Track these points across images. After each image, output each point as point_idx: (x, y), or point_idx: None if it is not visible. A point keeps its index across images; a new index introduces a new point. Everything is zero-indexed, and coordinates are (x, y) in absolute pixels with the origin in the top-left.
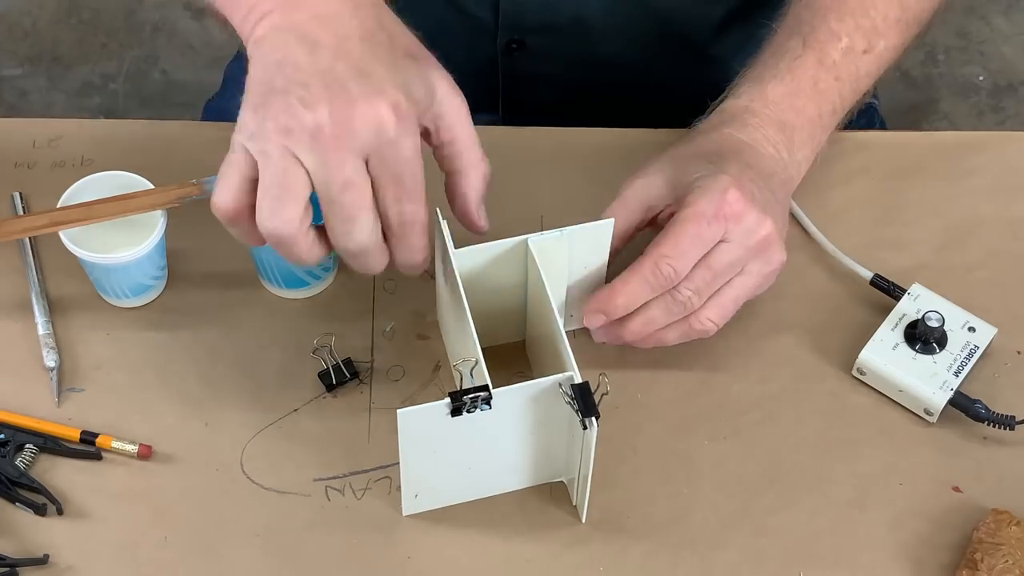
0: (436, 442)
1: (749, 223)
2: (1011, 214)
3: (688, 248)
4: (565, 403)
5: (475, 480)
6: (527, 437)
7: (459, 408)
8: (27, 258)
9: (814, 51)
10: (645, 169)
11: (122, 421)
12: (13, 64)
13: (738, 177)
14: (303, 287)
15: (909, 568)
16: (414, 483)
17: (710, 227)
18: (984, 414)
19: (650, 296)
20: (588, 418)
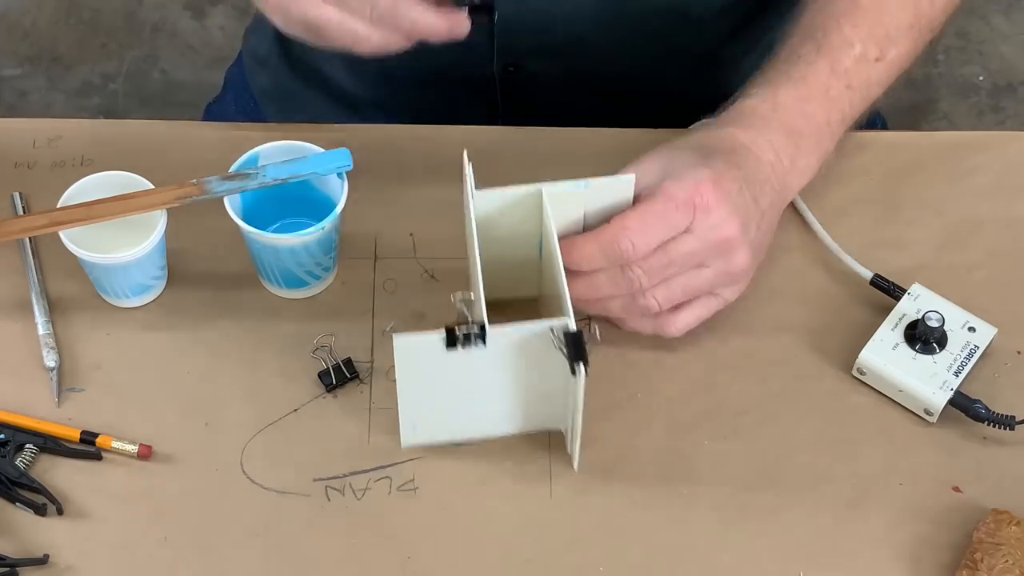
0: (432, 374)
1: (715, 219)
2: (1011, 214)
3: (651, 227)
4: (556, 348)
5: (471, 418)
6: (522, 381)
7: (453, 341)
8: (27, 258)
9: (827, 58)
10: (640, 158)
11: (122, 421)
12: (13, 64)
13: (720, 173)
14: (303, 287)
15: (909, 568)
16: (411, 413)
17: (677, 212)
18: (984, 414)
19: (603, 265)
20: (576, 364)
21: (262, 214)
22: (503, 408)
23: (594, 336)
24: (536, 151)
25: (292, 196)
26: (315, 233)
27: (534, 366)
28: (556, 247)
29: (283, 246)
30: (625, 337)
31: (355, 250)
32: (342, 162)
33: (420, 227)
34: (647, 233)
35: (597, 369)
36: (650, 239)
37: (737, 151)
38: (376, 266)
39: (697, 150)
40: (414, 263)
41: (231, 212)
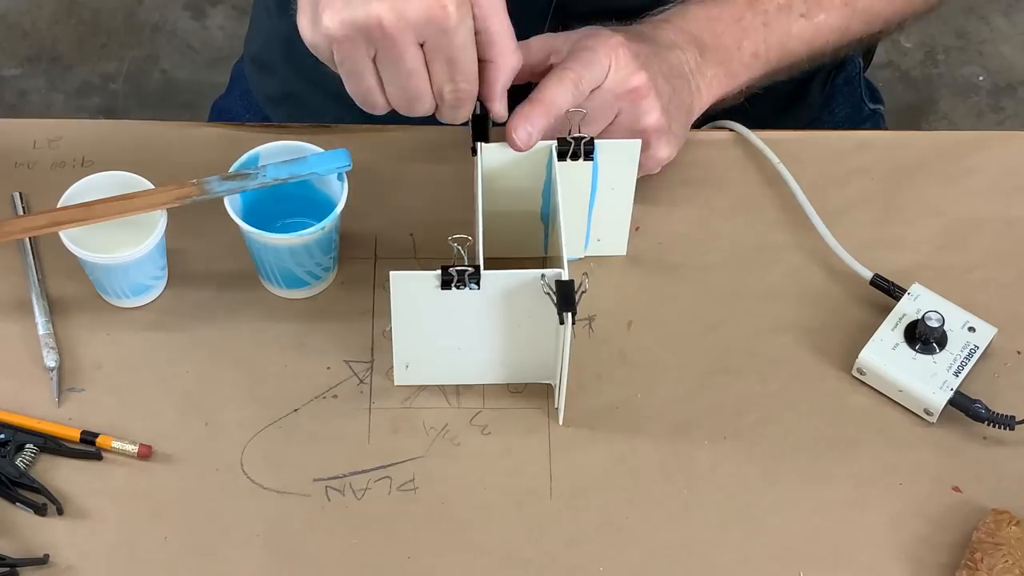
0: (426, 313)
1: (626, 72)
2: (1011, 214)
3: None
4: (544, 294)
5: (462, 363)
6: (513, 329)
7: (448, 281)
8: (27, 258)
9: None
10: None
11: (122, 421)
12: (13, 64)
13: (631, 39)
14: (303, 287)
15: (909, 568)
16: (404, 352)
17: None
18: (984, 414)
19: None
20: (564, 312)
21: (262, 214)
22: (494, 355)
23: (584, 284)
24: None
25: (292, 196)
26: (315, 233)
27: (526, 315)
28: (559, 202)
29: (283, 246)
30: (625, 337)
31: (355, 250)
32: (342, 162)
33: (420, 227)
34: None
35: (597, 369)
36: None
37: (651, 38)
38: (376, 266)
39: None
40: (414, 263)
41: (231, 212)
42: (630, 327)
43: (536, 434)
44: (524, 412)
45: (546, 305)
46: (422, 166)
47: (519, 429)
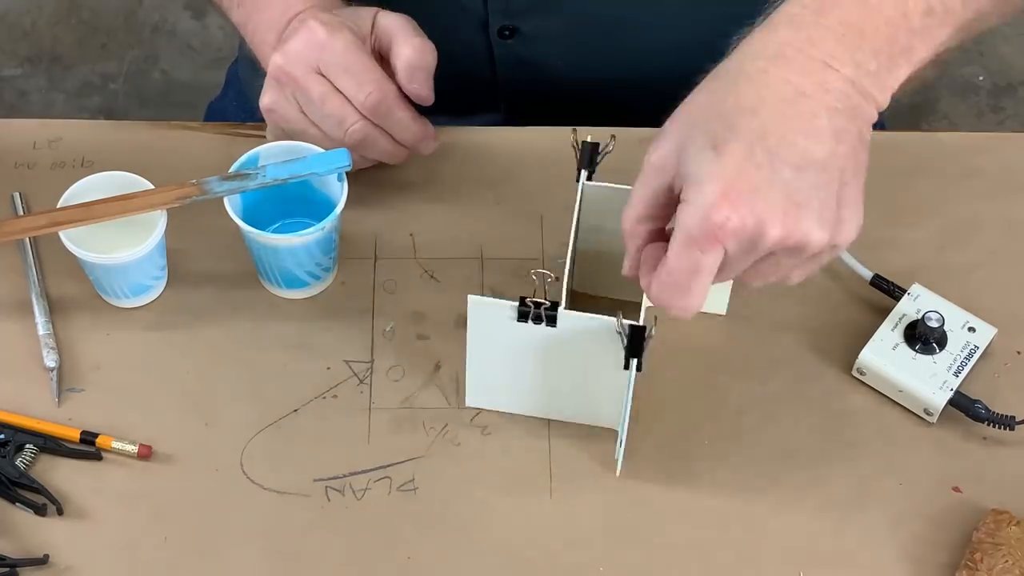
0: (500, 341)
1: (747, 235)
2: (1011, 214)
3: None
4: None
5: (529, 394)
6: (585, 370)
7: (524, 314)
8: (27, 258)
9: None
10: (660, 137)
11: (122, 421)
12: (13, 64)
13: (738, 170)
14: (303, 287)
15: (909, 568)
16: (476, 375)
17: (704, 255)
18: (984, 414)
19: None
20: (631, 358)
21: (262, 214)
22: (561, 392)
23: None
24: (535, 151)
25: (292, 196)
26: (315, 233)
27: (598, 360)
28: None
29: (283, 246)
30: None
31: (355, 250)
32: (341, 163)
33: (420, 227)
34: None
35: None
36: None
37: (765, 102)
38: (376, 266)
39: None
40: (414, 263)
41: (231, 212)
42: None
43: (536, 434)
44: None
45: (616, 350)
46: (422, 166)
47: (519, 429)
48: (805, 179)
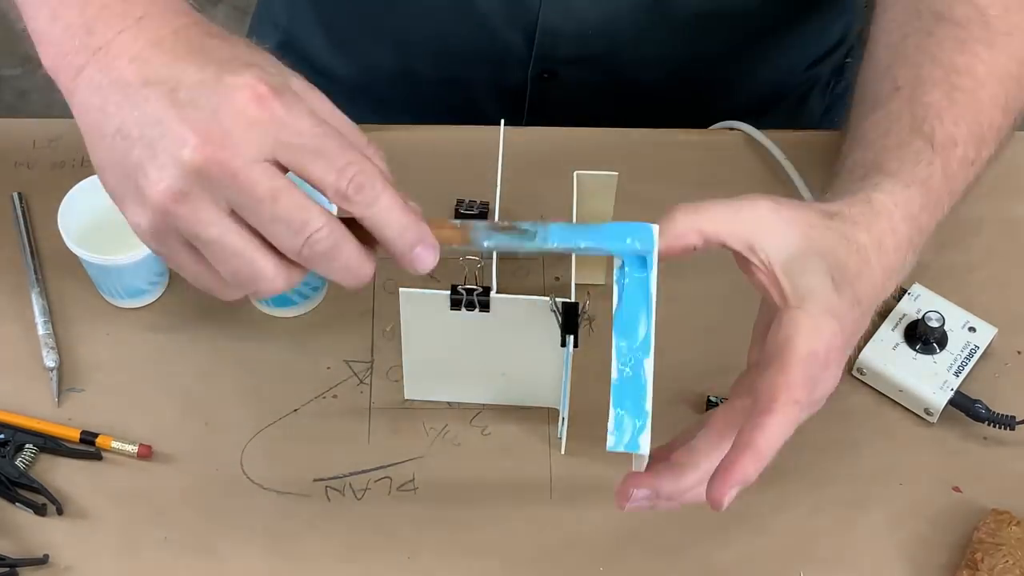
0: (435, 331)
1: (827, 377)
2: (1011, 214)
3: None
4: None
5: (469, 382)
6: (520, 353)
7: (457, 301)
8: (27, 258)
9: (940, 158)
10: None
11: (122, 421)
12: (13, 64)
13: (843, 321)
14: (290, 306)
15: (909, 568)
16: (413, 367)
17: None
18: (984, 414)
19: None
20: (567, 335)
21: None
22: (500, 377)
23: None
24: (536, 151)
25: None
26: None
27: (534, 340)
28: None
29: None
30: None
31: None
32: (644, 243)
33: None
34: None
35: (598, 370)
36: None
37: (862, 278)
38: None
39: (830, 263)
40: None
41: None
42: None
43: (536, 434)
44: (524, 412)
45: (552, 330)
46: (422, 166)
47: (519, 429)
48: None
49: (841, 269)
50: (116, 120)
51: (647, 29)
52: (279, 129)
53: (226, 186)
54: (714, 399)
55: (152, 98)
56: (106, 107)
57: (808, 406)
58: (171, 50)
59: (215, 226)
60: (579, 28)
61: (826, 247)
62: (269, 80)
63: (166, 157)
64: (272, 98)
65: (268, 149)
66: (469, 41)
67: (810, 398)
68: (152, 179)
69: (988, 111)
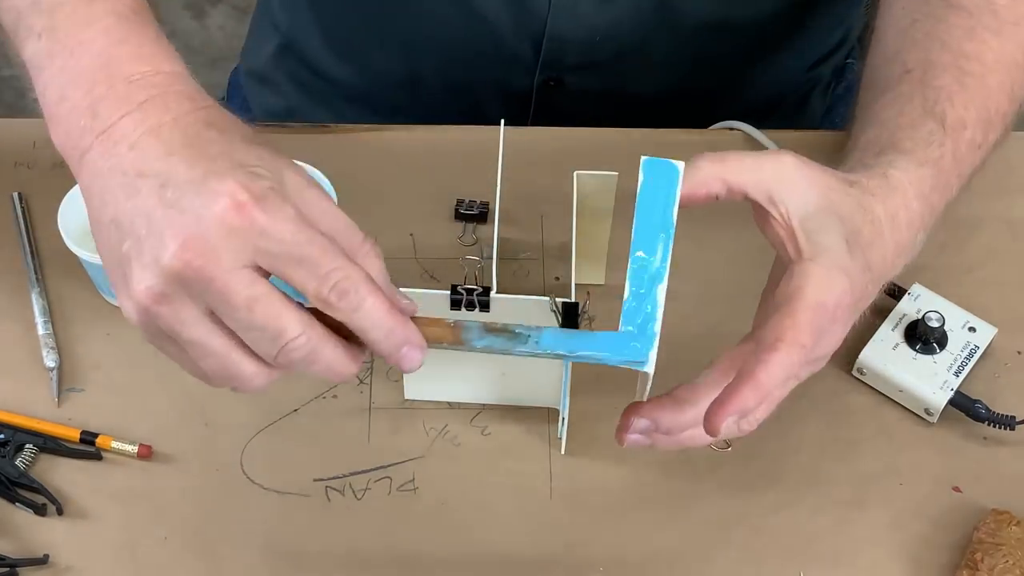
0: None
1: (832, 336)
2: (1011, 214)
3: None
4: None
5: (470, 382)
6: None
7: (457, 301)
8: (27, 258)
9: (951, 140)
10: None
11: (122, 421)
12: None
13: (855, 282)
14: None
15: (909, 568)
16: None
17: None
18: (984, 414)
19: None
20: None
21: None
22: (500, 377)
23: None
24: (536, 151)
25: None
26: None
27: None
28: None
29: None
30: None
31: None
32: (638, 357)
33: (420, 227)
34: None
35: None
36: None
37: (875, 246)
38: None
39: (847, 227)
40: (414, 263)
41: None
42: None
43: (536, 434)
44: (524, 412)
45: None
46: (422, 166)
47: (519, 429)
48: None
49: (856, 234)
50: (112, 209)
51: (653, 37)
52: (258, 237)
53: (204, 291)
54: None
55: (144, 191)
56: (104, 194)
57: (811, 360)
58: (167, 140)
59: (194, 328)
60: (586, 36)
61: (844, 211)
62: (252, 186)
63: (149, 258)
64: (252, 206)
65: (248, 256)
66: (476, 48)
67: (813, 351)
68: (136, 278)
69: (995, 97)
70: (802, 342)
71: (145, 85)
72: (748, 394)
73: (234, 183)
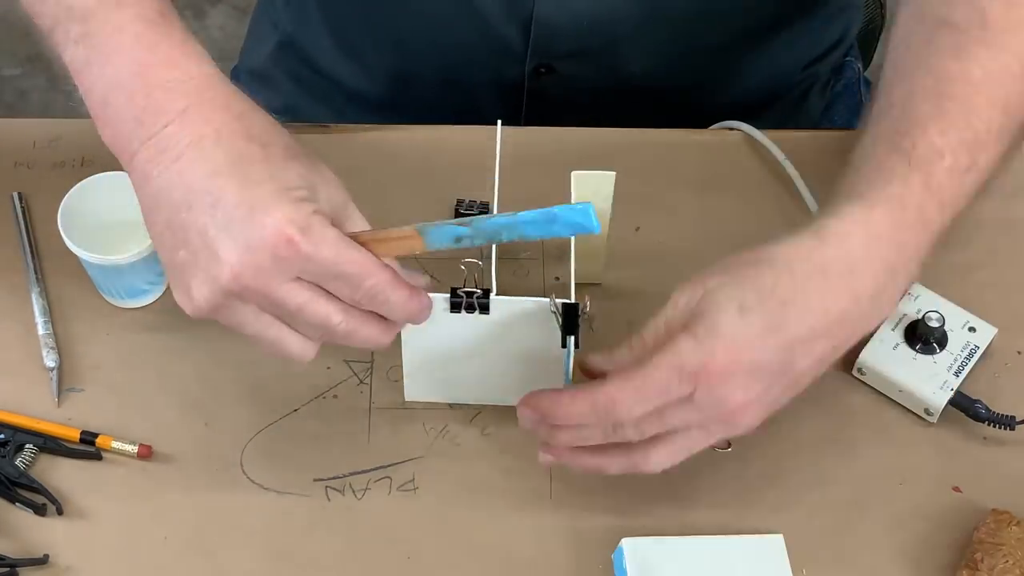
0: (435, 333)
1: (721, 393)
2: (1011, 214)
3: (649, 396)
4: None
5: (469, 382)
6: (520, 354)
7: (457, 304)
8: (27, 258)
9: (920, 172)
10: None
11: (122, 421)
12: (13, 64)
13: (748, 341)
14: None
15: (909, 568)
16: (413, 368)
17: (680, 384)
18: (984, 414)
19: (592, 423)
20: (568, 335)
21: None
22: (500, 378)
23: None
24: (536, 151)
25: None
26: None
27: (534, 341)
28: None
29: None
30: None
31: None
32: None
33: None
34: (644, 401)
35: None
36: (646, 407)
37: (795, 302)
38: None
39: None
40: (414, 264)
41: None
42: (631, 327)
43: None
44: None
45: (552, 331)
46: (422, 166)
47: (519, 429)
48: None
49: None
50: (166, 214)
51: (643, 24)
52: (304, 263)
53: (258, 300)
54: None
55: (195, 208)
56: (158, 197)
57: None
58: (212, 158)
59: (250, 325)
60: (574, 21)
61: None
62: (297, 217)
63: (205, 276)
64: (299, 240)
65: (294, 274)
66: (466, 37)
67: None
68: (195, 290)
69: (984, 114)
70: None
71: (181, 92)
72: (547, 402)
73: (280, 216)
